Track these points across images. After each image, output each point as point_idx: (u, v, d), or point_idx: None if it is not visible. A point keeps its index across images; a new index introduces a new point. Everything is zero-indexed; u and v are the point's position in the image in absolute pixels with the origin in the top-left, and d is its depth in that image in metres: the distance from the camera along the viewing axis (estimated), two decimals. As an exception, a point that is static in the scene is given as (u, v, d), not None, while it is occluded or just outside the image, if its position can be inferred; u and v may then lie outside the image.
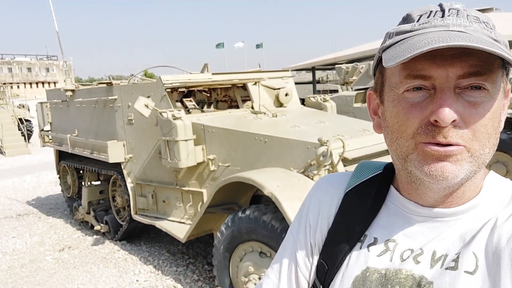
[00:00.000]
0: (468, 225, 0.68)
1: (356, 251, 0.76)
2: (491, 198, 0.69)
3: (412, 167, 0.66)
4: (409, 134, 0.65)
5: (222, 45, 35.73)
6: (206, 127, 3.93)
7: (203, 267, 4.58)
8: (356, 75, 9.52)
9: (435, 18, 0.64)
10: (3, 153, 14.60)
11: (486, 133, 0.63)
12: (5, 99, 16.71)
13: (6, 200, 8.20)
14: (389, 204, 0.77)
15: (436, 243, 0.69)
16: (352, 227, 0.77)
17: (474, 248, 0.65)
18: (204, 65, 4.94)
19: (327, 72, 22.35)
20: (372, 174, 0.82)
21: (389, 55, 0.63)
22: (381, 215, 0.77)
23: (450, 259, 0.66)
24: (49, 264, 4.98)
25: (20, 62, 62.60)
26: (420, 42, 0.60)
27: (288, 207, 2.73)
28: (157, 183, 4.54)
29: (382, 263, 0.72)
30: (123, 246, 5.33)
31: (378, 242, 0.74)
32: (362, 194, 0.80)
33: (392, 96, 0.67)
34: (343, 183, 0.85)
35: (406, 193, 0.73)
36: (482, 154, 0.64)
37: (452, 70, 0.61)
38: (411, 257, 0.70)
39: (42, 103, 6.95)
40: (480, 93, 0.62)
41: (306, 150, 3.22)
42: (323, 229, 0.82)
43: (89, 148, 5.38)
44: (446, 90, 0.62)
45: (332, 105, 5.11)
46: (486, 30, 0.63)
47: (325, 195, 0.85)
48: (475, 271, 0.63)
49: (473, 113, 0.62)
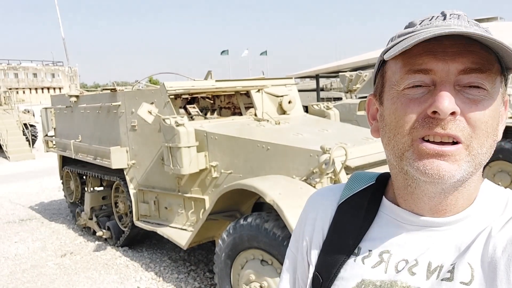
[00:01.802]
0: (462, 235, 0.67)
1: (350, 264, 0.75)
2: (485, 207, 0.69)
3: (408, 165, 0.65)
4: (406, 129, 0.64)
5: (227, 52, 35.93)
6: (209, 134, 3.93)
7: (205, 274, 4.56)
8: (360, 83, 9.52)
9: (437, 20, 0.65)
10: (8, 157, 14.66)
11: (486, 131, 0.63)
12: (11, 104, 16.82)
13: (9, 204, 8.23)
14: (382, 215, 0.76)
15: (430, 254, 0.68)
16: (345, 240, 0.77)
17: (469, 259, 0.64)
18: (207, 72, 4.96)
19: (331, 80, 22.39)
20: (365, 186, 0.82)
21: (391, 51, 0.64)
22: (374, 226, 0.76)
23: (446, 270, 0.65)
24: (51, 269, 4.98)
25: (26, 68, 63.04)
26: (421, 35, 0.61)
27: (290, 215, 2.72)
28: (160, 189, 4.54)
29: (377, 275, 0.71)
30: (124, 252, 5.33)
31: (372, 254, 0.74)
32: (354, 206, 0.79)
33: (392, 93, 0.68)
34: (336, 195, 0.84)
35: (402, 199, 0.73)
36: (480, 154, 0.63)
37: (454, 65, 0.61)
38: (406, 268, 0.69)
39: (46, 109, 6.99)
40: (480, 91, 0.62)
41: (308, 157, 3.22)
42: (318, 243, 0.81)
43: (92, 154, 5.39)
44: (446, 84, 0.62)
45: (335, 113, 5.11)
46: (486, 33, 0.64)
47: (318, 209, 0.84)
48: (471, 282, 0.62)
49: (474, 108, 0.62)
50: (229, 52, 36.02)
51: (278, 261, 2.95)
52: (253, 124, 4.27)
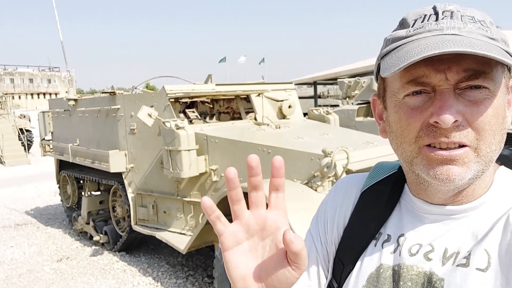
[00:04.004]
0: (478, 222, 0.67)
1: (370, 249, 0.76)
2: (502, 193, 0.68)
3: (418, 170, 0.66)
4: (411, 138, 0.65)
5: (224, 59, 36.06)
6: (209, 137, 3.92)
7: (203, 280, 4.52)
8: (358, 89, 9.56)
9: (429, 23, 0.64)
10: (3, 162, 14.57)
11: (491, 130, 0.63)
12: (6, 109, 16.77)
13: (5, 209, 8.15)
14: (402, 202, 0.78)
15: (447, 240, 0.68)
16: (367, 225, 0.78)
17: (486, 245, 0.64)
18: (208, 75, 4.95)
19: (327, 87, 22.48)
20: (387, 174, 0.83)
21: (386, 64, 0.65)
22: (395, 213, 0.77)
23: (462, 256, 0.65)
24: (47, 274, 4.92)
25: (22, 73, 62.91)
26: (414, 49, 0.61)
27: (292, 217, 2.70)
28: (158, 193, 4.51)
29: (394, 260, 0.72)
30: (122, 257, 5.27)
31: (391, 239, 0.75)
32: (377, 193, 0.80)
33: (394, 102, 0.68)
34: (359, 183, 0.86)
35: (416, 192, 0.74)
36: (489, 152, 0.63)
37: (450, 74, 0.61)
38: (421, 253, 0.69)
39: (44, 112, 6.95)
40: (481, 91, 0.62)
41: (309, 161, 3.21)
42: (339, 228, 0.83)
43: (90, 158, 5.35)
44: (445, 91, 0.62)
45: (335, 118, 5.12)
46: (481, 29, 0.63)
47: (342, 195, 0.86)
48: (487, 268, 0.62)
49: (475, 111, 0.62)
50: (226, 59, 36.14)
51: (279, 265, 2.92)
52: (253, 128, 4.26)
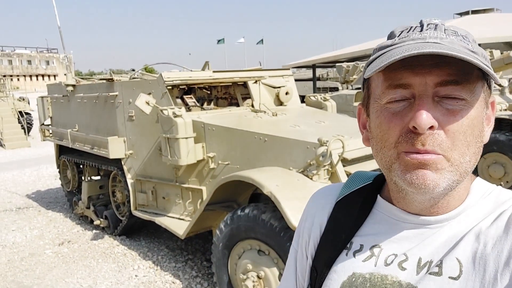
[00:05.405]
0: (452, 232, 0.69)
1: (342, 258, 0.79)
2: (476, 204, 0.71)
3: (395, 177, 0.68)
4: (391, 143, 0.67)
5: (223, 40, 35.81)
6: (206, 125, 3.95)
7: (202, 264, 4.62)
8: (356, 73, 9.52)
9: (414, 33, 0.67)
10: (3, 145, 14.60)
11: (465, 141, 0.65)
12: (5, 92, 16.68)
13: (5, 193, 8.23)
14: (375, 212, 0.80)
15: (420, 249, 0.71)
16: (339, 235, 0.80)
17: (458, 254, 0.66)
18: (205, 62, 4.95)
19: (327, 69, 22.34)
20: (362, 184, 0.85)
21: (369, 68, 0.67)
22: (367, 223, 0.80)
23: (434, 265, 0.68)
24: (49, 258, 5.02)
25: (20, 55, 62.46)
26: (396, 52, 0.64)
27: (287, 206, 2.76)
28: (157, 179, 4.57)
29: (367, 268, 0.74)
30: (122, 241, 5.37)
31: (363, 248, 0.77)
32: (350, 203, 0.83)
33: (376, 107, 0.70)
34: (334, 193, 0.88)
35: (396, 201, 0.76)
36: (463, 163, 0.65)
37: (430, 78, 0.64)
38: (396, 263, 0.72)
39: (42, 97, 6.95)
40: (458, 101, 0.64)
41: (305, 150, 3.25)
42: (316, 239, 0.85)
43: (89, 144, 5.40)
44: (424, 97, 0.64)
45: (332, 104, 5.13)
46: (463, 42, 0.65)
47: (318, 206, 0.89)
48: (459, 276, 0.65)
49: (452, 120, 0.64)
50: (225, 41, 35.88)
51: (275, 251, 3.00)
52: (250, 116, 4.29)
